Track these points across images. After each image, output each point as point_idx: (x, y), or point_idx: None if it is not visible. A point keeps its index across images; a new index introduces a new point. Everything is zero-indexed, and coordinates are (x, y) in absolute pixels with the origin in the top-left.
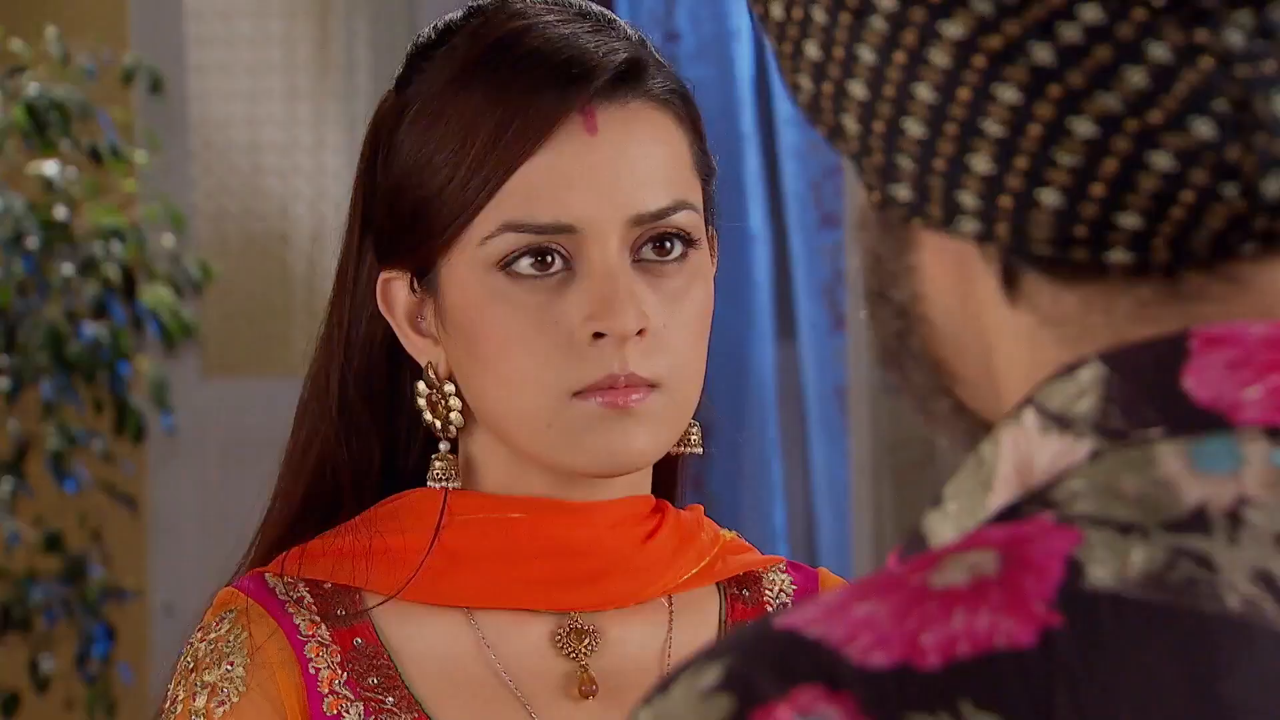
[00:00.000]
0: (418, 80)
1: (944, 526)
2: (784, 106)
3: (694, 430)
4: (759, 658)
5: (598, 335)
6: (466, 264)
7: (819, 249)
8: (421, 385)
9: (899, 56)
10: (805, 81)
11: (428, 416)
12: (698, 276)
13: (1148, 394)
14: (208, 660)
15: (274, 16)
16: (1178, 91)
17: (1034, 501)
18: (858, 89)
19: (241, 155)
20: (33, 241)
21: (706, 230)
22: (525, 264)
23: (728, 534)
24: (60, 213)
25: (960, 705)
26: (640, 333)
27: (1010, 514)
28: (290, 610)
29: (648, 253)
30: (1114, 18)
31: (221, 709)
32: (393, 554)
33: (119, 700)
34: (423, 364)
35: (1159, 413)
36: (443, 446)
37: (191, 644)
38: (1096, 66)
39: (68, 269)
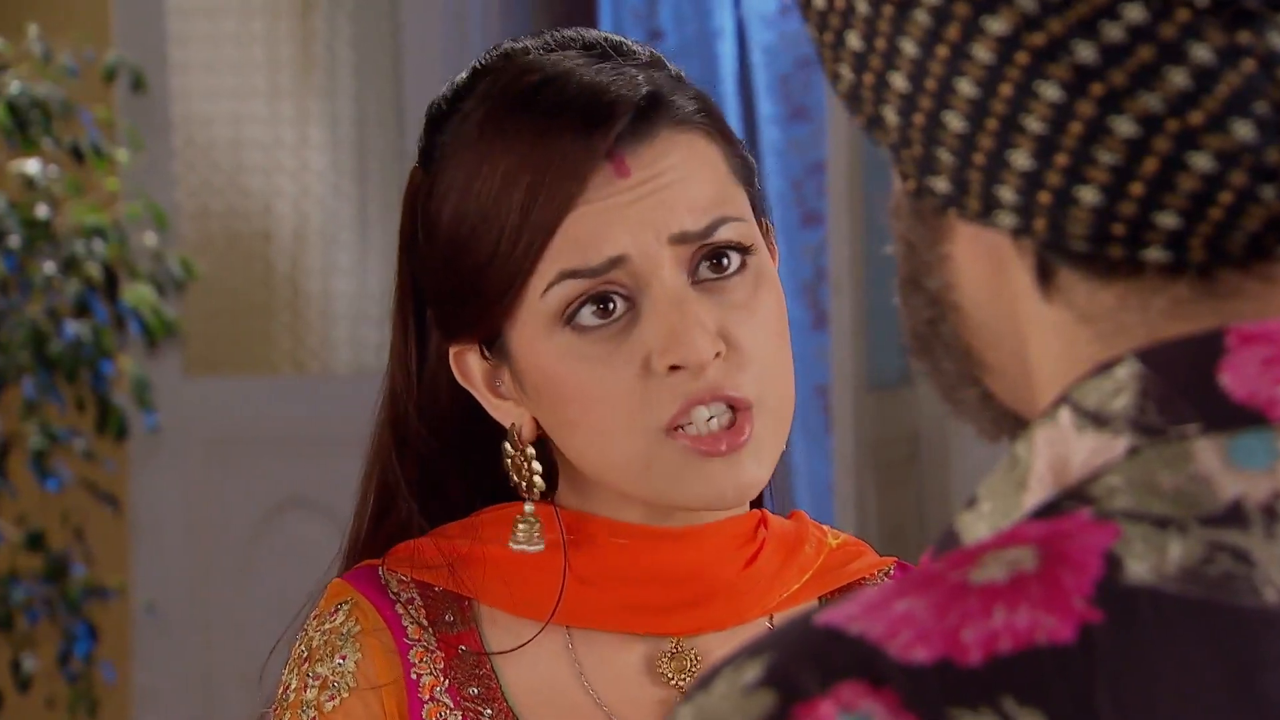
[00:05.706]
0: (439, 153)
1: (978, 526)
2: (766, 105)
3: None
4: (801, 654)
5: (674, 368)
6: (532, 325)
7: (800, 247)
8: (507, 446)
9: (941, 50)
10: (846, 71)
11: (514, 479)
12: (762, 281)
13: (1185, 391)
14: (321, 651)
15: (256, 15)
16: (1219, 93)
17: (1072, 498)
18: (899, 81)
19: (224, 153)
20: (14, 240)
21: (760, 225)
22: (588, 314)
23: (835, 539)
24: (42, 211)
25: (1002, 701)
26: (717, 355)
27: (1048, 510)
28: (399, 610)
29: (705, 271)
30: (1157, 17)
31: (331, 703)
32: (503, 565)
33: (101, 699)
34: (507, 426)
35: (1196, 409)
36: (527, 508)
37: (306, 632)
38: (1139, 66)
39: (49, 267)
